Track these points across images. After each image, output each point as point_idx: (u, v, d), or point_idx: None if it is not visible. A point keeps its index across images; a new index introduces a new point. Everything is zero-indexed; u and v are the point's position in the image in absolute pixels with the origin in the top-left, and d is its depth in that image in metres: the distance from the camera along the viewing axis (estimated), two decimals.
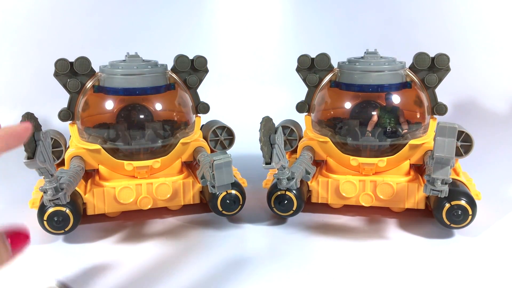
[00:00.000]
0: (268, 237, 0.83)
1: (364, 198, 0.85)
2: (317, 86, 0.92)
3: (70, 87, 0.87)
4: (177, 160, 0.89)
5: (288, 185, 0.75)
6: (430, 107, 0.89)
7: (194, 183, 0.87)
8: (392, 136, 0.87)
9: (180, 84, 0.91)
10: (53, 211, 0.77)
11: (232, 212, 0.84)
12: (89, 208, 0.84)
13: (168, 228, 0.85)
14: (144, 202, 0.85)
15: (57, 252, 0.77)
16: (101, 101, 0.88)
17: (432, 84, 0.88)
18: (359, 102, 0.90)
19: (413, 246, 0.79)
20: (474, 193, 0.84)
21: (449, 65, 0.87)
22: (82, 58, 0.87)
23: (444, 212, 0.79)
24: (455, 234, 0.82)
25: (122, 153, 0.86)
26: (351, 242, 0.80)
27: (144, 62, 0.88)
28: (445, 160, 0.70)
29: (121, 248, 0.79)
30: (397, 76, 0.87)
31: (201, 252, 0.78)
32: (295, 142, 0.98)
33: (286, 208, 0.83)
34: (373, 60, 0.87)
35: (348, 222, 0.87)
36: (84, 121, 0.88)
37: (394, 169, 0.87)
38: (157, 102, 0.89)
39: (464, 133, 0.88)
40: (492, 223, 0.85)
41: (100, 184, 0.85)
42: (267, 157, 0.69)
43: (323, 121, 0.92)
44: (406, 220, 0.86)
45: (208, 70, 0.92)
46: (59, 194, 0.70)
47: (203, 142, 0.91)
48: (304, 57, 0.91)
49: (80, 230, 0.82)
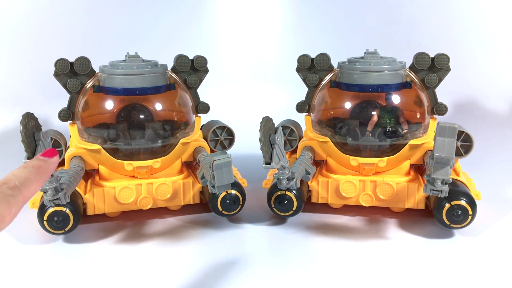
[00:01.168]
0: (268, 237, 0.83)
1: (364, 198, 0.85)
2: (317, 86, 0.92)
3: (70, 87, 0.87)
4: (177, 160, 0.89)
5: (288, 185, 0.75)
6: (430, 107, 0.89)
7: (194, 183, 0.87)
8: (392, 136, 0.86)
9: (180, 84, 0.91)
10: (53, 211, 0.77)
11: (232, 212, 0.84)
12: (89, 208, 0.84)
13: (168, 228, 0.85)
14: (144, 202, 0.85)
15: (57, 252, 0.77)
16: (101, 101, 0.88)
17: (432, 84, 0.88)
18: (359, 102, 0.90)
19: (413, 246, 0.79)
20: (474, 193, 0.84)
21: (449, 65, 0.87)
22: (82, 58, 0.87)
23: (444, 212, 0.79)
24: (455, 234, 0.82)
25: (122, 153, 0.86)
26: (351, 242, 0.80)
27: (144, 62, 0.88)
28: (445, 160, 0.70)
29: (121, 248, 0.79)
30: (397, 76, 0.87)
31: (201, 252, 0.78)
32: (295, 142, 0.98)
33: (286, 208, 0.83)
34: (373, 60, 0.87)
35: (348, 222, 0.87)
36: (84, 121, 0.88)
37: (394, 169, 0.87)
38: (157, 102, 0.89)
39: (464, 133, 0.88)
40: (492, 223, 0.85)
41: (100, 184, 0.85)
42: (267, 157, 0.70)
43: (323, 121, 0.92)
44: (406, 220, 0.86)
45: (208, 70, 0.92)
46: (59, 194, 0.70)
47: (203, 142, 0.91)
48: (304, 57, 0.91)
49: (80, 230, 0.82)
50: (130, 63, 0.87)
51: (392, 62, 0.87)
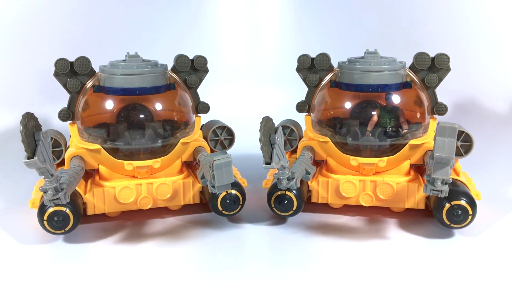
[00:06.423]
0: (268, 237, 0.83)
1: (364, 198, 0.85)
2: (317, 86, 0.92)
3: (70, 87, 0.87)
4: (177, 160, 0.89)
5: (288, 185, 0.75)
6: (430, 107, 0.89)
7: (194, 183, 0.87)
8: (392, 136, 0.87)
9: (180, 84, 0.91)
10: (53, 211, 0.77)
11: (232, 212, 0.84)
12: (89, 208, 0.84)
13: (168, 228, 0.85)
14: (144, 202, 0.85)
15: (57, 252, 0.77)
16: (101, 101, 0.88)
17: (432, 84, 0.88)
18: (359, 102, 0.90)
19: (413, 246, 0.79)
20: (474, 193, 0.84)
21: (449, 65, 0.87)
22: (82, 58, 0.87)
23: (444, 212, 0.79)
24: (455, 234, 0.82)
25: (122, 153, 0.86)
26: (351, 242, 0.80)
27: (144, 62, 0.88)
28: (445, 160, 0.70)
29: (121, 248, 0.79)
30: (397, 76, 0.87)
31: (201, 252, 0.78)
32: (295, 142, 0.98)
33: (286, 208, 0.83)
34: (373, 60, 0.87)
35: (348, 222, 0.87)
36: (84, 121, 0.88)
37: (394, 169, 0.87)
38: (157, 102, 0.89)
39: (464, 133, 0.88)
40: (492, 223, 0.85)
41: (100, 184, 0.85)
42: (267, 157, 0.70)
43: (323, 121, 0.92)
44: (406, 220, 0.86)
45: (208, 70, 0.92)
46: (59, 194, 0.70)
47: (203, 142, 0.91)
48: (304, 57, 0.91)
49: (80, 230, 0.82)
50: (130, 63, 0.87)
51: (392, 62, 0.87)
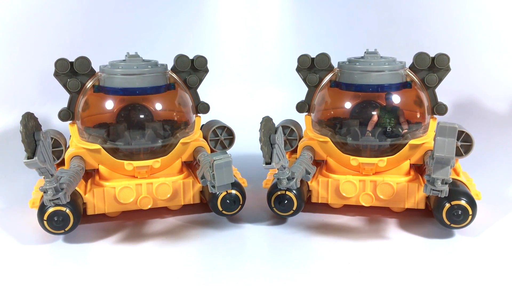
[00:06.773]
0: (268, 237, 0.83)
1: (364, 198, 0.85)
2: (317, 86, 0.92)
3: (70, 87, 0.87)
4: (177, 160, 0.89)
5: (288, 185, 0.75)
6: (430, 107, 0.89)
7: (194, 183, 0.87)
8: (392, 136, 0.87)
9: (180, 84, 0.91)
10: (53, 211, 0.77)
11: (232, 212, 0.84)
12: (89, 208, 0.84)
13: (168, 228, 0.85)
14: (144, 202, 0.85)
15: (57, 252, 0.77)
16: (101, 101, 0.88)
17: (432, 84, 0.88)
18: (359, 102, 0.90)
19: (413, 246, 0.79)
20: (474, 193, 0.84)
21: (449, 65, 0.87)
22: (82, 58, 0.87)
23: (444, 212, 0.79)
24: (455, 234, 0.82)
25: (122, 153, 0.86)
26: (351, 242, 0.80)
27: (144, 62, 0.88)
28: (445, 160, 0.70)
29: (121, 248, 0.79)
30: (397, 76, 0.87)
31: (201, 252, 0.78)
32: (295, 142, 0.98)
33: (286, 208, 0.83)
34: (373, 60, 0.87)
35: (348, 222, 0.87)
36: (84, 121, 0.88)
37: (394, 169, 0.87)
38: (157, 102, 0.89)
39: (464, 133, 0.88)
40: (492, 223, 0.85)
41: (100, 184, 0.85)
42: (267, 157, 0.70)
43: (323, 121, 0.92)
44: (406, 220, 0.86)
45: (208, 70, 0.92)
46: (59, 194, 0.70)
47: (203, 142, 0.91)
48: (304, 57, 0.91)
49: (80, 230, 0.82)
50: (130, 63, 0.87)
51: (392, 62, 0.88)
